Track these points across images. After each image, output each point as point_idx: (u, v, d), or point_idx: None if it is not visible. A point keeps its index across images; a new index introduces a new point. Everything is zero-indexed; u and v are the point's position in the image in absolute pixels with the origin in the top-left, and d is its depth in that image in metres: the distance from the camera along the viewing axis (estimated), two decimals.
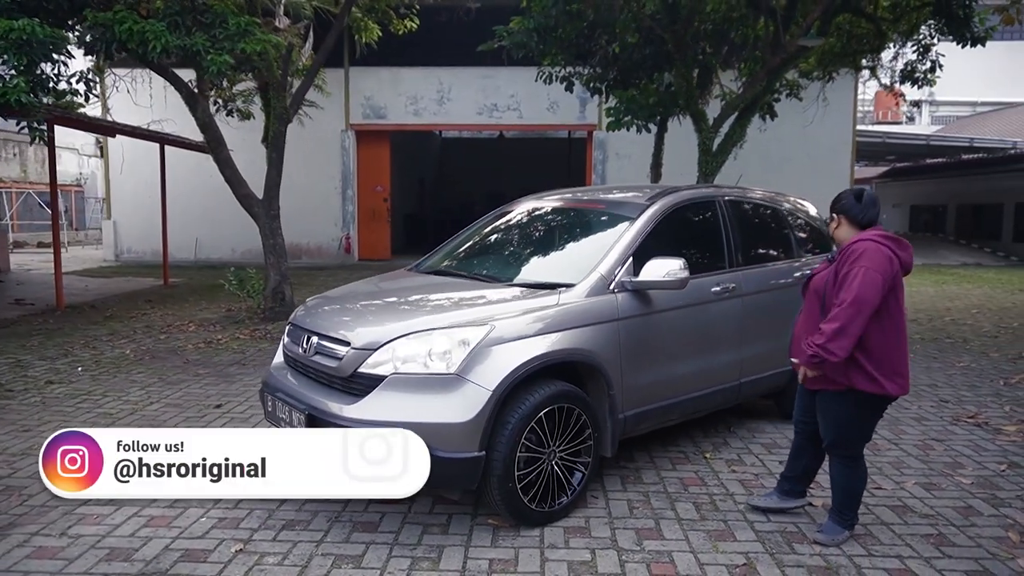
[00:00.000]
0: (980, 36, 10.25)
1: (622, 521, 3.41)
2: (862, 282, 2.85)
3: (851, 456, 3.12)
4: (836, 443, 3.12)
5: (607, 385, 3.55)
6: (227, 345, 7.55)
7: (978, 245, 22.03)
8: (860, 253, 2.92)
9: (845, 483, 3.14)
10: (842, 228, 3.14)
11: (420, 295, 3.87)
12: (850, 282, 2.88)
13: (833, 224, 3.20)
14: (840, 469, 3.15)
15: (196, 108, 8.79)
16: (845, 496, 3.16)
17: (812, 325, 3.07)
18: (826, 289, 3.03)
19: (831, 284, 3.00)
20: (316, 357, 3.46)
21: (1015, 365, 6.80)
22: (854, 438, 3.11)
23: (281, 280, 9.05)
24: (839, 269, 2.97)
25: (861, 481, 3.18)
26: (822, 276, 3.10)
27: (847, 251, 2.98)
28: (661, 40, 9.81)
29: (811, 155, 16.70)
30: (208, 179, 16.53)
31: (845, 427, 3.08)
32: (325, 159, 17.05)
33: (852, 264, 2.91)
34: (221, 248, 17.18)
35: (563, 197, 4.81)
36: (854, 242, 2.99)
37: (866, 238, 2.98)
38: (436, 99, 17.20)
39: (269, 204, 9.10)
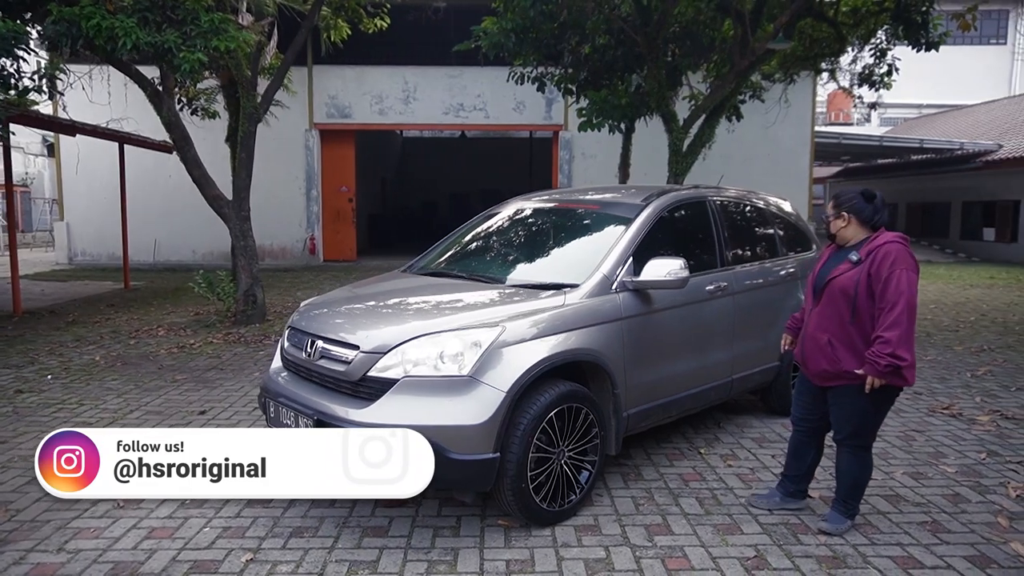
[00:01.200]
0: (934, 41, 10.67)
1: (630, 518, 3.45)
2: (909, 284, 2.93)
3: (864, 447, 3.21)
4: (853, 435, 3.19)
5: (612, 384, 3.59)
6: (201, 350, 7.38)
7: (927, 242, 22.89)
8: (895, 256, 2.98)
9: (855, 474, 3.23)
10: (851, 227, 3.19)
11: (425, 297, 3.85)
12: (896, 286, 2.93)
13: (840, 222, 3.21)
14: (851, 460, 3.22)
15: (161, 106, 8.54)
16: (853, 487, 3.25)
17: (836, 326, 3.12)
18: (857, 291, 3.05)
19: (863, 286, 3.04)
20: (321, 361, 3.41)
21: (978, 358, 7.09)
22: (871, 429, 3.20)
23: (253, 283, 8.87)
24: (873, 271, 3.01)
25: (868, 471, 3.27)
26: (849, 277, 3.08)
27: (879, 253, 3.02)
28: (633, 42, 9.93)
29: (772, 155, 17.11)
30: (167, 179, 16.23)
31: (863, 418, 3.15)
32: (289, 159, 16.76)
33: (891, 267, 2.96)
34: (181, 250, 16.76)
35: (554, 198, 4.84)
36: (884, 243, 3.03)
37: (893, 240, 3.03)
38: (402, 98, 17.07)
39: (239, 205, 8.91)
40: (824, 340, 3.16)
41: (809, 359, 3.27)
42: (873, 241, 3.09)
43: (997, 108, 25.67)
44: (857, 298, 3.05)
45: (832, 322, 3.15)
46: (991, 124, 23.76)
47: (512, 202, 4.97)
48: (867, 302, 3.03)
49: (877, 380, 2.98)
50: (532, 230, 4.62)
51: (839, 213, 3.22)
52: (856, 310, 3.07)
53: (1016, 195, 20.29)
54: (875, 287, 3.00)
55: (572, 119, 16.58)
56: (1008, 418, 5.06)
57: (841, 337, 3.11)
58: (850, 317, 3.08)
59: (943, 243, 22.52)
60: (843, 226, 3.21)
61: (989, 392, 5.78)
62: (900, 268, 2.95)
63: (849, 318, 3.09)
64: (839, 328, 3.12)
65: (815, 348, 3.21)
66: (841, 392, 3.18)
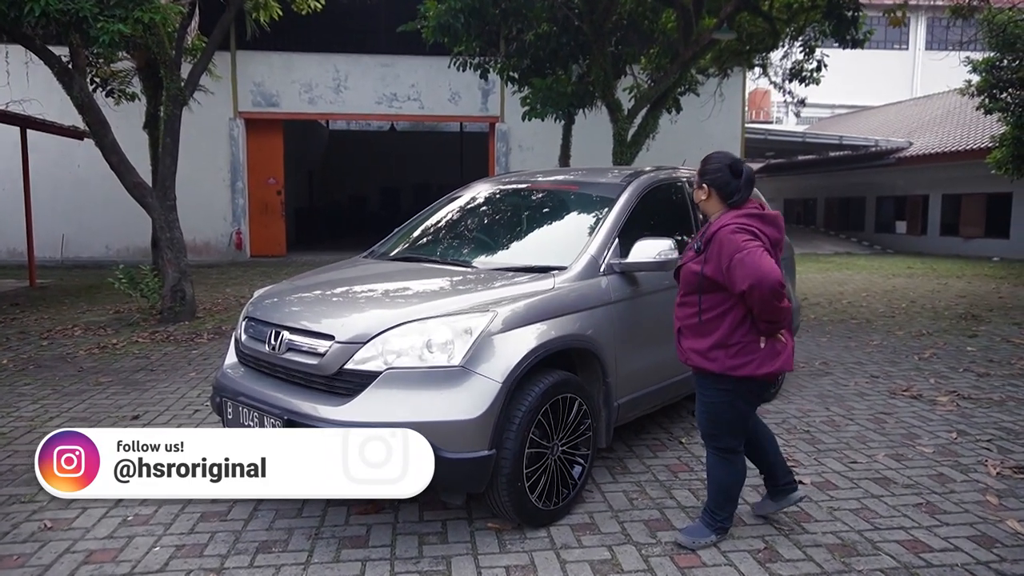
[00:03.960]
0: (860, 39, 11.06)
1: (627, 514, 3.25)
2: (749, 263, 2.57)
3: (724, 449, 2.93)
4: (708, 434, 2.96)
5: (603, 372, 3.38)
6: (125, 350, 6.74)
7: (846, 235, 23.95)
8: (723, 245, 2.65)
9: (719, 478, 2.94)
10: (711, 202, 2.82)
11: (401, 283, 3.53)
12: (740, 271, 2.57)
13: (702, 194, 2.84)
14: (713, 463, 2.96)
15: (72, 86, 7.76)
16: (717, 493, 2.95)
17: (686, 316, 2.84)
18: (701, 283, 2.74)
19: (705, 278, 2.73)
20: (289, 354, 3.05)
21: (921, 341, 7.31)
22: (725, 428, 2.92)
23: (181, 277, 8.22)
24: (712, 263, 2.69)
25: (734, 476, 2.94)
26: (689, 268, 2.81)
27: (713, 243, 2.70)
28: (577, 30, 9.80)
29: (704, 149, 16.72)
30: (76, 169, 15.06)
31: (715, 414, 2.91)
32: (212, 149, 15.85)
33: (727, 257, 2.62)
34: (93, 246, 15.59)
35: (524, 179, 4.59)
36: (715, 231, 2.70)
37: (724, 224, 2.69)
38: (332, 87, 16.43)
39: (164, 194, 8.23)
40: (676, 328, 2.92)
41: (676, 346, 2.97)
42: (710, 227, 2.77)
43: (905, 108, 27.14)
44: (701, 289, 2.74)
45: (683, 310, 2.86)
46: (900, 123, 25.09)
47: (477, 184, 4.69)
48: (713, 296, 2.73)
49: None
50: (506, 212, 4.35)
51: (701, 183, 2.84)
52: (701, 303, 2.75)
53: (925, 190, 21.48)
54: (720, 279, 2.67)
55: (509, 111, 16.42)
56: (965, 398, 5.16)
57: (690, 326, 2.82)
58: (696, 309, 2.78)
59: (860, 236, 23.61)
60: (703, 199, 2.85)
61: (940, 374, 5.91)
62: (731, 254, 2.60)
63: (695, 310, 2.78)
64: (689, 317, 2.82)
65: (675, 336, 2.94)
66: (698, 381, 2.90)
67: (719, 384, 2.80)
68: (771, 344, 2.74)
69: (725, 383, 2.78)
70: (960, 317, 8.81)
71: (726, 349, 2.74)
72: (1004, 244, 18.86)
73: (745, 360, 2.72)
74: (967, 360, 6.42)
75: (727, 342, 2.73)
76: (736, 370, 2.73)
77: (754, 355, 2.72)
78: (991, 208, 19.44)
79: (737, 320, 2.73)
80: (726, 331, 2.73)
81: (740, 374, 2.74)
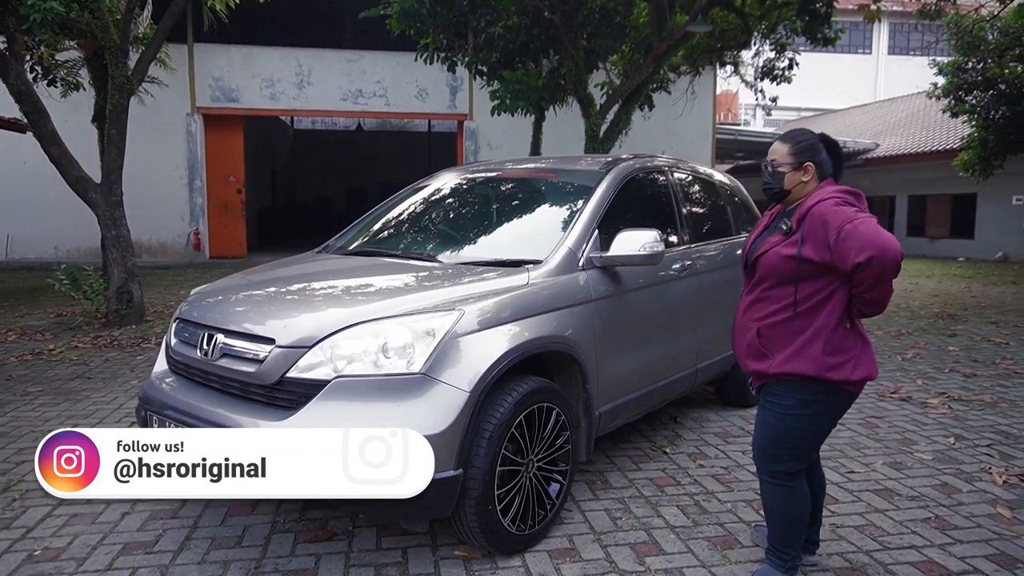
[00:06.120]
0: (831, 37, 10.95)
1: (610, 536, 2.91)
2: (866, 233, 2.17)
3: (783, 473, 2.49)
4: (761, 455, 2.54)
5: (583, 378, 3.03)
6: (63, 356, 6.22)
7: None
8: (827, 217, 2.25)
9: (781, 509, 2.49)
10: (811, 183, 2.41)
11: (355, 279, 3.13)
12: (857, 241, 2.16)
13: (803, 175, 2.40)
14: (771, 492, 2.52)
15: (8, 73, 7.21)
16: (781, 526, 2.51)
17: (770, 313, 2.39)
18: (799, 270, 2.31)
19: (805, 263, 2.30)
20: (223, 361, 2.64)
21: (901, 341, 7.13)
22: (788, 448, 2.48)
23: (128, 277, 7.69)
24: (817, 244, 2.28)
25: (799, 506, 2.49)
26: (779, 252, 2.36)
27: (808, 220, 2.30)
28: (548, 22, 9.49)
29: (675, 148, 17.14)
30: (21, 166, 14.26)
31: (784, 432, 2.48)
32: (168, 146, 15.18)
33: (835, 231, 2.21)
34: (40, 246, 14.81)
35: (494, 167, 4.24)
36: (811, 206, 2.32)
37: (822, 199, 2.30)
38: (295, 82, 15.88)
39: (110, 189, 7.69)
40: (748, 333, 2.46)
41: (739, 353, 2.55)
42: (803, 204, 2.37)
43: (870, 111, 27.42)
44: (798, 277, 2.31)
45: (766, 306, 2.40)
46: (866, 125, 25.31)
47: (444, 173, 4.32)
48: (812, 283, 2.31)
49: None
50: (475, 203, 3.97)
51: (800, 163, 2.41)
52: (798, 292, 2.32)
53: (892, 191, 21.65)
54: (824, 258, 2.25)
55: (478, 108, 16.04)
56: (956, 400, 4.94)
57: (776, 325, 2.37)
58: (788, 302, 2.34)
59: None
60: (805, 180, 2.40)
61: (926, 375, 5.70)
62: (839, 225, 2.20)
63: (787, 303, 2.34)
64: (776, 313, 2.37)
65: (743, 341, 2.49)
66: (769, 392, 2.44)
67: (803, 393, 2.34)
68: (864, 341, 2.36)
69: (813, 391, 2.33)
70: (937, 316, 8.69)
71: (824, 345, 2.29)
72: (969, 244, 19.05)
73: (843, 359, 2.29)
74: (951, 360, 6.23)
75: (826, 337, 2.29)
76: (834, 371, 2.28)
77: (851, 353, 2.31)
78: (956, 209, 19.63)
79: (837, 310, 2.30)
80: (823, 323, 2.29)
81: (837, 377, 2.29)
